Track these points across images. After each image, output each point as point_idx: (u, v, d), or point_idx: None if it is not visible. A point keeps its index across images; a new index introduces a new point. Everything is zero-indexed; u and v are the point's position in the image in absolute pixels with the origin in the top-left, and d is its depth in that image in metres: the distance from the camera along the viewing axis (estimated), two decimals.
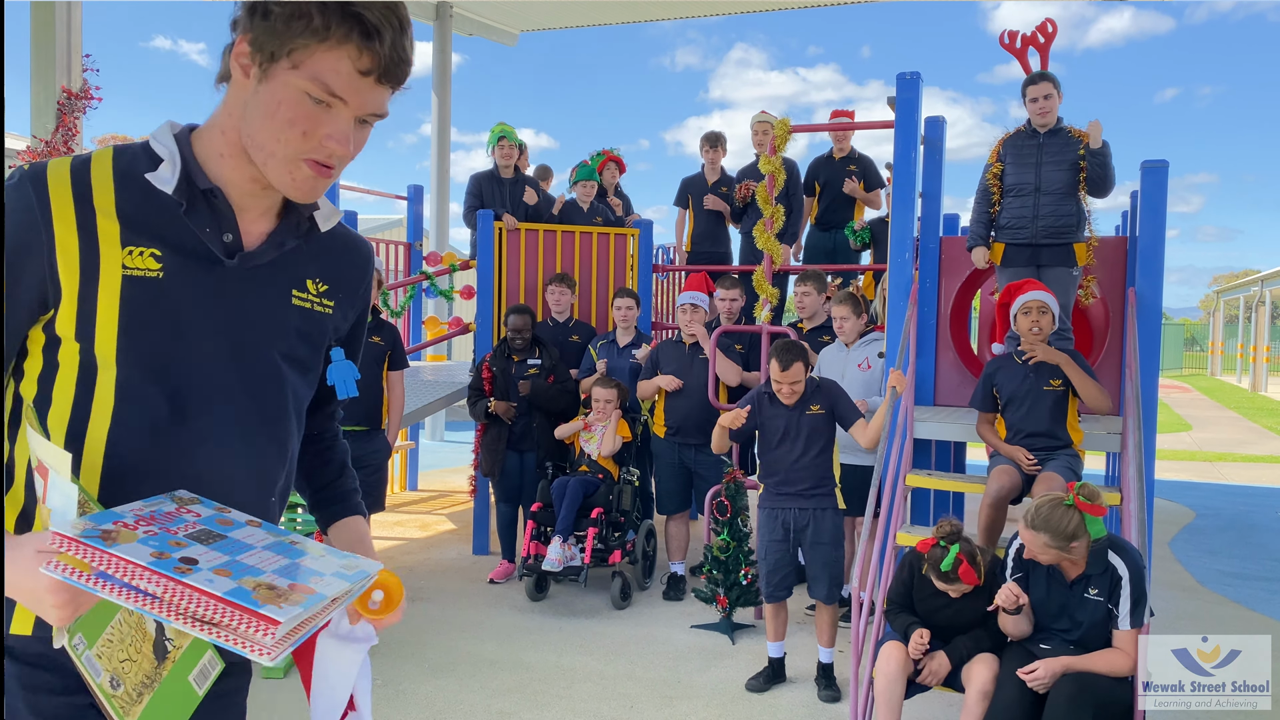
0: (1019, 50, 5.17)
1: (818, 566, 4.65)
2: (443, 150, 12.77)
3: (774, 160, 6.02)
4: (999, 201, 5.20)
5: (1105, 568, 3.49)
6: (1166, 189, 4.89)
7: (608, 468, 6.22)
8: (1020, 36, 5.18)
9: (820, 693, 4.61)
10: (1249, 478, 12.13)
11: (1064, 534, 3.40)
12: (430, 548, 7.40)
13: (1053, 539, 3.41)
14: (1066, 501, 3.43)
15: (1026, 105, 5.14)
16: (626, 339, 6.68)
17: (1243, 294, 32.57)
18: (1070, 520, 3.40)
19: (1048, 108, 5.08)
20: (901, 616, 3.86)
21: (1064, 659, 3.42)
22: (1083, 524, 3.41)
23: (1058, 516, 3.41)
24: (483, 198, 7.53)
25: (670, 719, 4.32)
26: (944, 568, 3.64)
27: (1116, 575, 3.47)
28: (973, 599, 3.74)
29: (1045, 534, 3.42)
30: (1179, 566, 7.31)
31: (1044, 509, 3.45)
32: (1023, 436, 4.50)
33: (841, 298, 5.80)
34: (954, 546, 3.65)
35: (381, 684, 4.62)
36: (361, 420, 5.51)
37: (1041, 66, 5.19)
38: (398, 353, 5.73)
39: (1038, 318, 4.49)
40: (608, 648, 5.21)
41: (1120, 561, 3.48)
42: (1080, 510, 3.41)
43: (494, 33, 13.65)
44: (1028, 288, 4.54)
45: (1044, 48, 5.14)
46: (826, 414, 4.68)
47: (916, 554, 3.87)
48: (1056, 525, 3.40)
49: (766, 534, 4.73)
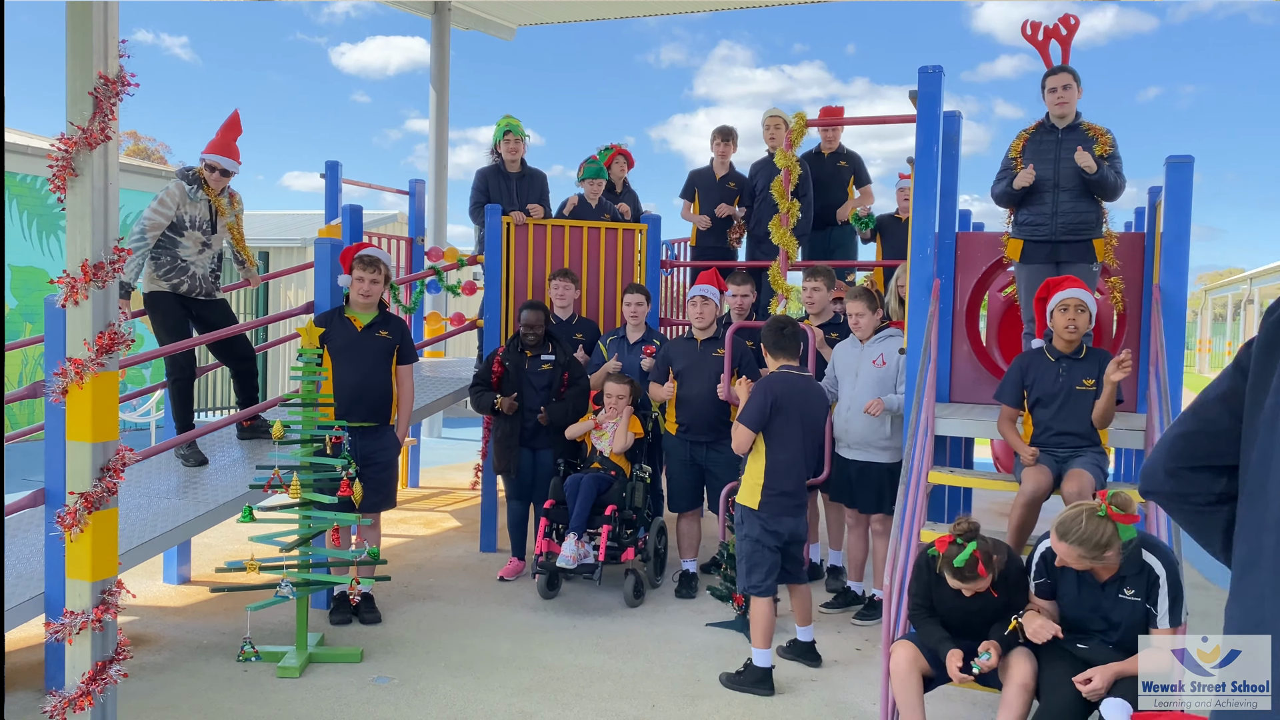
0: (1040, 43, 5.15)
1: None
2: (440, 145, 12.68)
3: (789, 155, 5.98)
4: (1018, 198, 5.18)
5: (1140, 568, 3.46)
6: (1192, 184, 4.88)
7: (620, 464, 6.17)
8: (1042, 29, 5.15)
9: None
10: None
11: (1098, 545, 3.37)
12: (437, 545, 7.34)
13: (1087, 550, 3.38)
14: (1099, 512, 3.39)
15: (1045, 97, 5.12)
16: (637, 335, 6.63)
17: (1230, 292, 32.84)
18: (1104, 531, 3.36)
19: (1066, 98, 5.06)
20: (927, 626, 3.81)
21: (1114, 666, 3.39)
22: (1116, 533, 3.38)
23: (1091, 528, 3.37)
24: (489, 193, 7.45)
25: (693, 717, 4.29)
26: (957, 564, 3.60)
27: (1154, 575, 3.45)
28: (989, 598, 3.71)
29: (1079, 546, 3.38)
30: (1187, 564, 7.29)
31: (1078, 520, 3.40)
32: (1052, 434, 4.48)
33: (856, 293, 5.77)
34: (970, 544, 3.61)
35: (399, 683, 4.58)
36: (370, 416, 5.45)
37: (1063, 60, 5.16)
38: (406, 347, 5.66)
39: (1075, 315, 4.45)
40: (624, 646, 5.17)
41: (1156, 560, 3.46)
42: (1113, 520, 3.38)
43: (492, 27, 13.56)
44: (1066, 285, 4.52)
45: (1065, 40, 5.12)
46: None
47: (929, 555, 3.84)
48: (1090, 537, 3.36)
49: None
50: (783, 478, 4.63)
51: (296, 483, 4.79)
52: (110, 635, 3.22)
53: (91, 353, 3.02)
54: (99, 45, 2.82)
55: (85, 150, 2.93)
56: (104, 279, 3.01)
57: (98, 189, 3.00)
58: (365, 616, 5.48)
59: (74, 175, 2.95)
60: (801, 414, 4.67)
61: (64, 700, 3.07)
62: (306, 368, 4.96)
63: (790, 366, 4.77)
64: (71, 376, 2.99)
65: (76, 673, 3.11)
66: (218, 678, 4.62)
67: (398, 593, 6.02)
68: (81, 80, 2.83)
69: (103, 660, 3.14)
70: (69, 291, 2.98)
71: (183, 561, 6.21)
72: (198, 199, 5.62)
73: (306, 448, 4.88)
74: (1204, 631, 5.71)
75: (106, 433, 3.12)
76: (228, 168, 5.68)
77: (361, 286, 5.50)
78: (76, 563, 3.08)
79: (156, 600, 5.84)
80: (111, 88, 2.85)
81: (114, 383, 3.15)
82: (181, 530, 4.95)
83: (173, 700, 4.32)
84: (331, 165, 8.61)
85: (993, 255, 5.54)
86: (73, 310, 3.03)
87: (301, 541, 4.81)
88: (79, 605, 3.10)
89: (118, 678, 3.18)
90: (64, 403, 3.10)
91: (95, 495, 3.03)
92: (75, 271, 2.97)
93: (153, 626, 5.35)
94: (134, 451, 3.31)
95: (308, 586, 4.84)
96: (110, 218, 3.06)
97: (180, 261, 5.59)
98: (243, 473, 5.50)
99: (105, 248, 3.04)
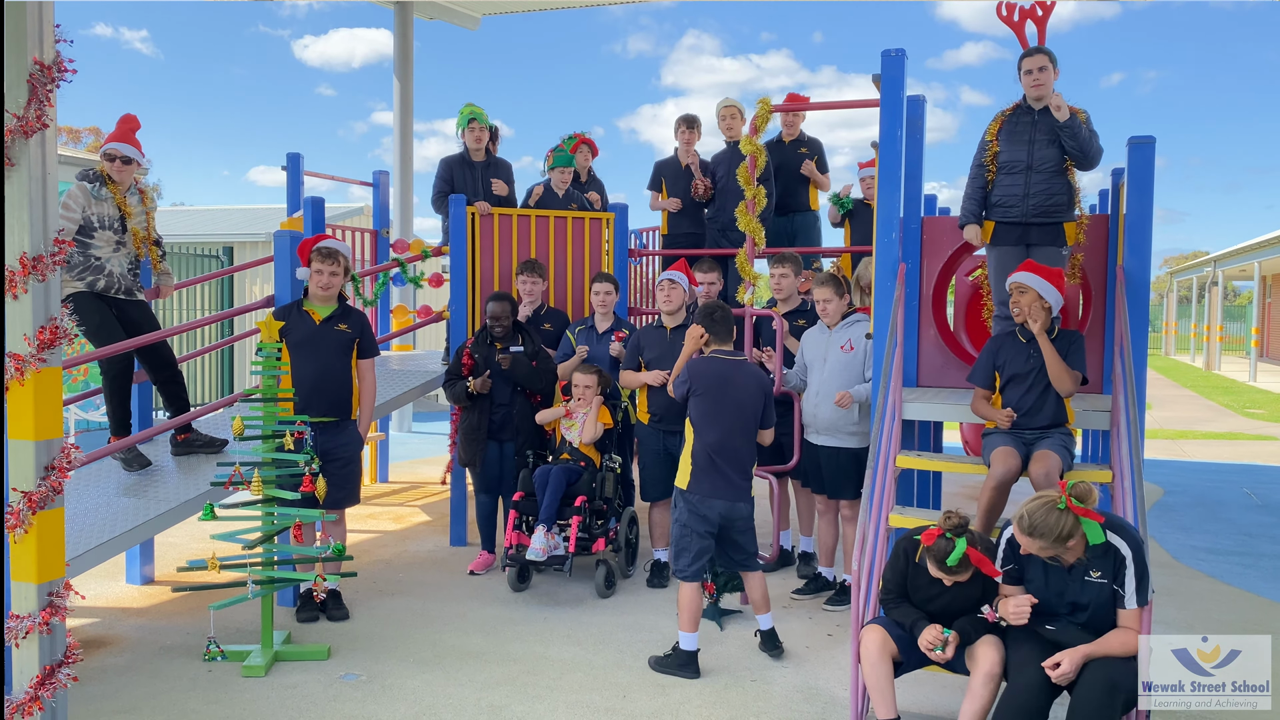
0: (1016, 24, 5.11)
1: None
2: (405, 137, 12.55)
3: (754, 141, 5.93)
4: (993, 181, 5.16)
5: (1106, 549, 3.46)
6: (1154, 165, 4.88)
7: (589, 455, 6.13)
8: (1018, 9, 5.11)
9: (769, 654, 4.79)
10: (1211, 454, 12.34)
11: (1060, 537, 3.39)
12: (406, 540, 7.27)
13: (1048, 543, 3.41)
14: (1059, 505, 3.40)
15: (1021, 79, 5.08)
16: (605, 324, 6.58)
17: (1195, 275, 33.22)
18: (1064, 524, 3.38)
19: (1041, 80, 5.02)
20: (903, 608, 3.81)
21: (1083, 649, 3.39)
22: (1078, 523, 3.39)
23: (1052, 521, 3.38)
24: (454, 182, 7.36)
25: (664, 707, 4.25)
26: (950, 562, 3.59)
27: (1119, 555, 3.44)
28: (967, 585, 3.70)
29: (1040, 539, 3.41)
30: (1153, 543, 7.39)
31: (1037, 514, 3.41)
32: (1021, 415, 4.48)
33: (823, 279, 5.74)
34: (961, 540, 3.60)
35: (366, 679, 4.51)
36: (330, 410, 5.35)
37: (1039, 41, 5.13)
38: (366, 340, 5.57)
39: (1018, 298, 4.49)
40: (595, 637, 5.13)
41: (1121, 541, 3.46)
42: (1073, 512, 3.39)
43: (456, 16, 13.42)
44: (1023, 268, 4.52)
45: (1041, 21, 5.08)
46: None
47: (912, 541, 3.83)
48: (1051, 530, 3.38)
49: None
50: (712, 458, 4.66)
51: (258, 479, 4.71)
52: (59, 638, 3.12)
53: (32, 348, 2.92)
54: (34, 30, 2.72)
55: (21, 139, 2.83)
56: (43, 272, 2.91)
57: (35, 178, 2.89)
58: (333, 613, 5.40)
59: (10, 165, 2.85)
60: (729, 396, 4.71)
61: (12, 705, 2.98)
62: (266, 362, 4.87)
63: (722, 351, 4.84)
64: (12, 373, 2.89)
65: (25, 677, 3.02)
66: (181, 678, 4.53)
67: (366, 589, 5.95)
68: (17, 67, 2.73)
69: (51, 664, 3.05)
70: (8, 285, 2.88)
71: (145, 561, 6.10)
72: (103, 197, 5.34)
73: (268, 443, 4.80)
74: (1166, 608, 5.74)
75: (50, 430, 3.03)
76: (129, 154, 5.39)
77: (320, 279, 5.41)
78: (21, 564, 2.99)
79: (119, 601, 5.74)
80: (48, 74, 2.76)
81: (57, 379, 3.05)
82: (141, 530, 4.85)
83: (134, 702, 4.23)
84: (293, 158, 8.47)
85: (959, 239, 5.53)
86: (11, 304, 2.92)
87: (264, 539, 4.73)
88: (25, 608, 3.00)
89: (67, 681, 3.09)
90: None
91: (40, 495, 2.94)
92: (13, 264, 2.87)
93: (115, 628, 5.25)
94: (80, 450, 3.22)
95: (272, 584, 4.76)
96: (49, 208, 2.96)
97: (94, 260, 5.32)
98: (205, 470, 5.40)
99: (45, 240, 2.94)
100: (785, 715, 4.18)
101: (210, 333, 13.27)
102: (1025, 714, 3.39)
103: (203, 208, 21.64)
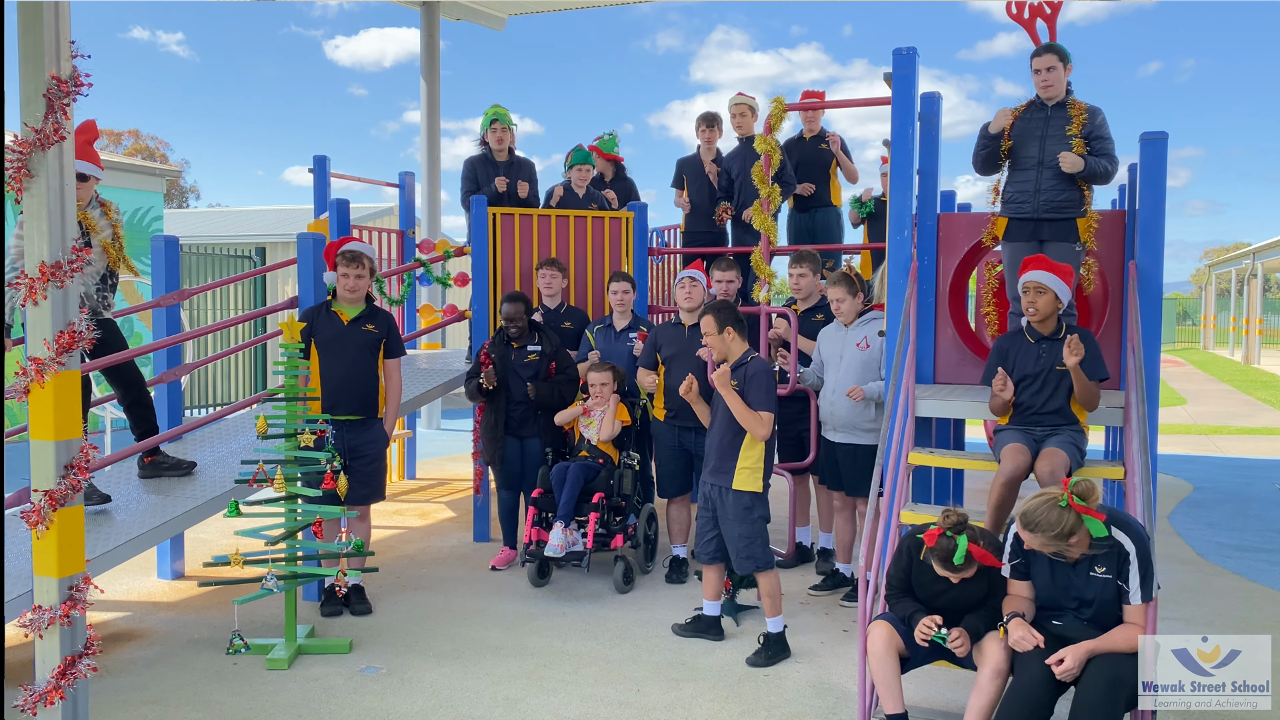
0: (1026, 21, 5.09)
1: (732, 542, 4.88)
2: (433, 137, 12.69)
3: (770, 140, 5.96)
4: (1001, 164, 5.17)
5: (1111, 545, 3.46)
6: (1166, 161, 4.84)
7: (608, 452, 6.19)
8: (1027, 7, 5.09)
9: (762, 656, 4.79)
10: (1245, 450, 12.16)
11: (1061, 534, 3.40)
12: (431, 536, 7.38)
13: (1050, 540, 3.42)
14: (1061, 502, 3.41)
15: (1032, 77, 5.07)
16: (623, 323, 6.64)
17: (1234, 267, 32.63)
18: (1066, 521, 3.39)
19: (1051, 80, 5.00)
20: (904, 602, 3.83)
21: (1086, 644, 3.40)
22: (1079, 520, 3.39)
23: (1054, 519, 3.39)
24: (478, 181, 7.46)
25: (677, 701, 4.31)
26: (956, 561, 3.62)
27: (1124, 551, 3.44)
28: (972, 581, 3.72)
29: (1041, 535, 3.43)
30: (1179, 540, 7.32)
31: (1038, 511, 3.42)
32: (1031, 414, 4.47)
33: (836, 279, 5.76)
34: (961, 538, 3.62)
35: (387, 672, 4.61)
36: (356, 409, 5.47)
37: (1050, 38, 5.11)
38: (393, 340, 5.68)
39: (1034, 298, 4.47)
40: (612, 632, 5.19)
41: (1125, 538, 3.46)
42: (1074, 510, 3.40)
43: (482, 17, 13.54)
44: (1033, 265, 4.50)
45: (1051, 18, 5.06)
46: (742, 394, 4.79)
47: (915, 539, 3.85)
48: (1053, 528, 3.39)
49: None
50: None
51: (281, 477, 4.82)
52: (79, 630, 3.25)
53: (52, 351, 3.04)
54: (50, 46, 2.83)
55: (39, 152, 2.95)
56: (62, 279, 3.03)
57: (53, 189, 3.01)
58: (356, 608, 5.51)
59: (30, 176, 2.97)
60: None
61: (35, 695, 3.11)
62: (289, 362, 4.99)
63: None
64: (32, 376, 3.02)
65: (47, 668, 3.15)
66: (207, 670, 4.66)
67: (390, 584, 6.06)
68: (34, 82, 2.84)
69: (72, 655, 3.18)
70: (28, 291, 3.00)
71: (176, 556, 6.25)
72: None
73: (290, 442, 4.91)
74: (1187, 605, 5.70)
75: (69, 431, 3.15)
76: (86, 171, 4.95)
77: (347, 282, 5.53)
78: (43, 560, 3.12)
79: (149, 595, 5.89)
80: (63, 88, 2.87)
81: (75, 381, 3.17)
82: (170, 525, 4.98)
83: (161, 694, 4.36)
84: (319, 160, 8.61)
85: (976, 236, 5.52)
86: (32, 310, 3.05)
87: (287, 535, 4.85)
88: (47, 601, 3.13)
89: (87, 672, 3.21)
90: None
91: (60, 493, 3.06)
92: (33, 272, 2.99)
93: (145, 621, 5.40)
94: (99, 450, 3.34)
95: (293, 580, 4.88)
96: (67, 217, 3.08)
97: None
98: (233, 467, 5.53)
99: (63, 248, 3.06)
100: (796, 710, 4.22)
101: (242, 332, 13.52)
102: (1030, 709, 3.41)
103: (236, 208, 22.00)
